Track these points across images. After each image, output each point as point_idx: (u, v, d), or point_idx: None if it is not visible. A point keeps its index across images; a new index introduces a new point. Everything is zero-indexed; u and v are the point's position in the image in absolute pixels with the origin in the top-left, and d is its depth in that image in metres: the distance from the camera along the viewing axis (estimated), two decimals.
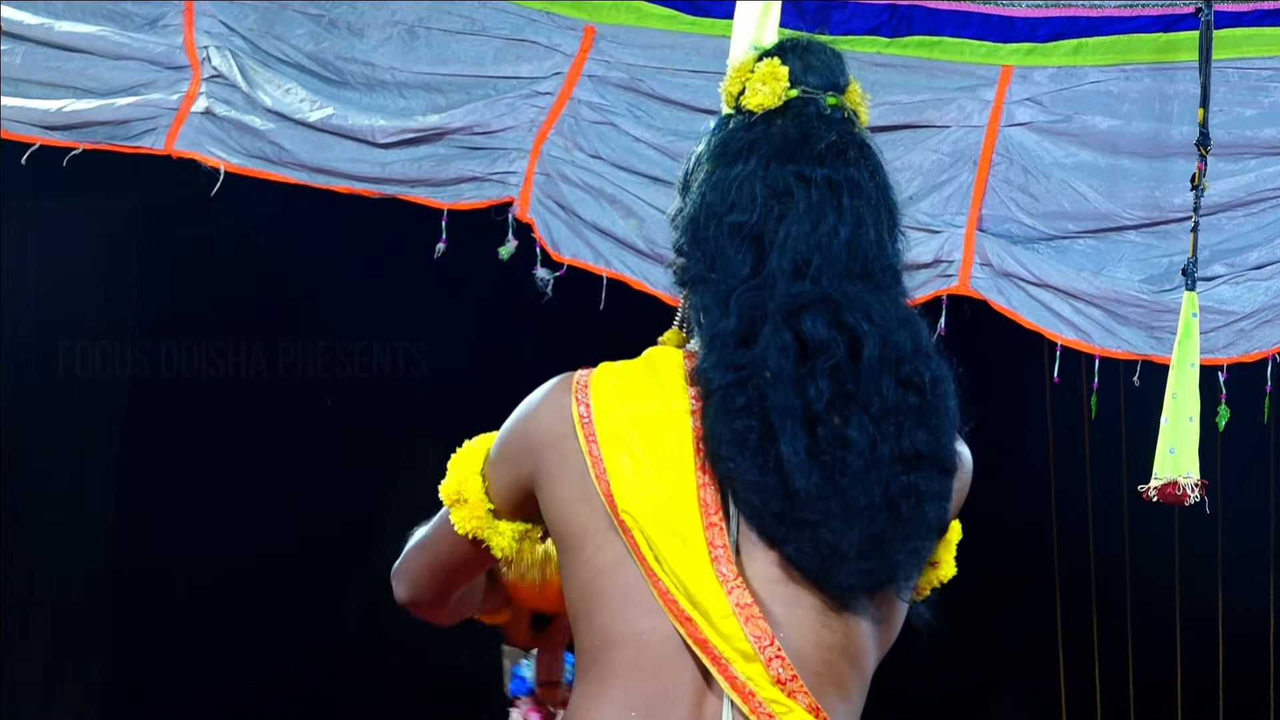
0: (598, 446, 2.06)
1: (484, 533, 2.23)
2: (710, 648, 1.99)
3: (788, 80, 2.17)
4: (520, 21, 4.35)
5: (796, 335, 2.02)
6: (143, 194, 5.47)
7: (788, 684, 1.98)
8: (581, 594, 2.07)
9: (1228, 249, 4.08)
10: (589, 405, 2.09)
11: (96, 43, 4.34)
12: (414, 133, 4.28)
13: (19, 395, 5.59)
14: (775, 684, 1.98)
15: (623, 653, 2.02)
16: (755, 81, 2.17)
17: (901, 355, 2.03)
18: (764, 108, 2.16)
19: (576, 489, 2.07)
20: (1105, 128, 4.17)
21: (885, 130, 4.23)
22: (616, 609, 2.03)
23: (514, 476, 2.17)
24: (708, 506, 2.03)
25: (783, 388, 2.01)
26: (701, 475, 2.04)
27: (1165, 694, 5.32)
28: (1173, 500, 3.87)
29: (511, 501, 2.20)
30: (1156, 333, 4.06)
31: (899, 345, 2.04)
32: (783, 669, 1.98)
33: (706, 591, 1.99)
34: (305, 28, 4.38)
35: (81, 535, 5.91)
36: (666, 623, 2.01)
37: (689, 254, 2.12)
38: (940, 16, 4.30)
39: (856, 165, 2.13)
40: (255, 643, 5.83)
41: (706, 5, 4.33)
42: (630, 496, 2.03)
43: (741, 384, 2.02)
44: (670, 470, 2.04)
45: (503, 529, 2.23)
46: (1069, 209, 4.15)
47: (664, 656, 2.00)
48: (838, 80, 2.19)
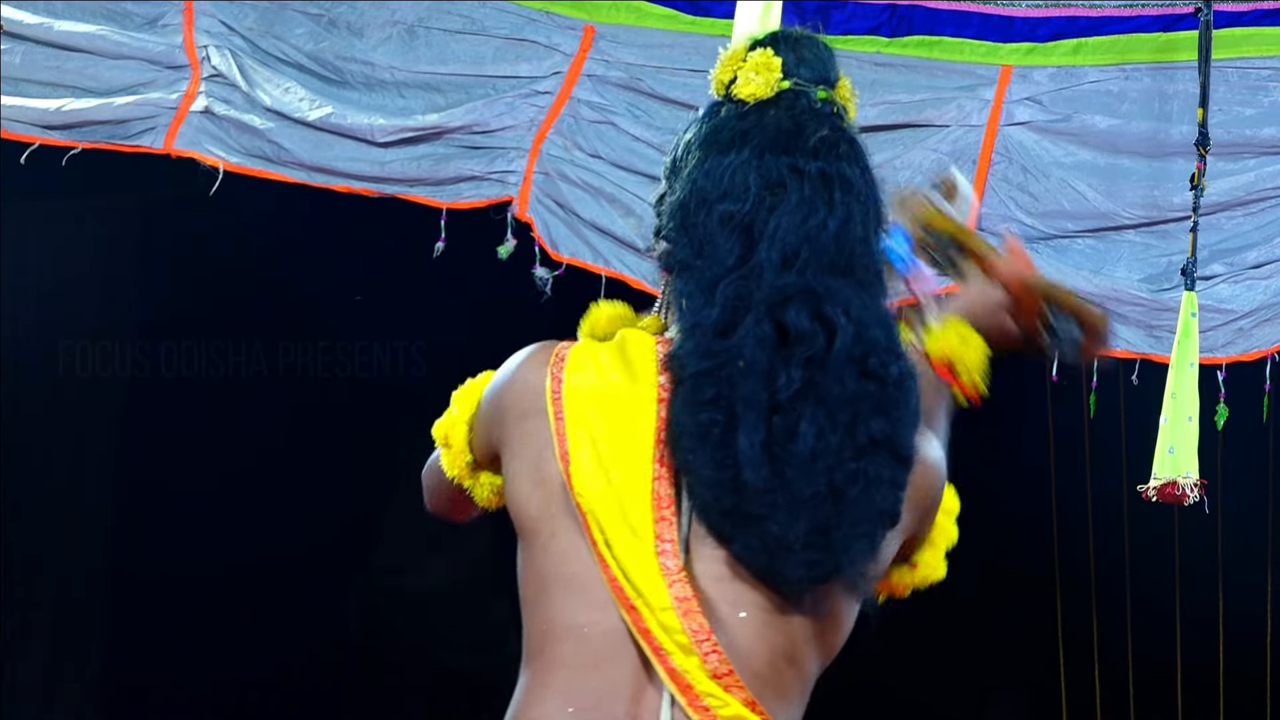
0: (564, 424, 2.06)
1: (466, 481, 2.25)
2: (652, 638, 1.98)
3: (780, 71, 2.16)
4: (520, 21, 4.35)
5: (778, 326, 2.02)
6: (143, 194, 5.46)
7: (724, 678, 1.98)
8: (530, 582, 2.07)
9: (1227, 248, 4.09)
10: (561, 381, 2.08)
11: (96, 42, 4.34)
12: (413, 132, 4.28)
13: (19, 395, 5.59)
14: (712, 678, 1.98)
15: (564, 645, 2.02)
16: (748, 70, 2.16)
17: (870, 349, 2.03)
18: (756, 97, 2.15)
19: (534, 468, 2.07)
20: (1105, 127, 4.18)
21: (885, 129, 4.24)
22: (562, 600, 2.03)
23: (487, 436, 2.18)
24: (660, 499, 2.02)
25: (753, 379, 2.00)
26: (659, 467, 2.03)
27: (1165, 694, 5.31)
28: (1172, 500, 3.87)
29: (488, 458, 2.20)
30: (1155, 332, 4.06)
31: (872, 340, 2.03)
32: (719, 663, 1.98)
33: (649, 583, 1.98)
34: (305, 27, 4.38)
35: (81, 535, 5.91)
36: (611, 615, 2.01)
37: (675, 240, 2.11)
38: (940, 16, 4.30)
39: (848, 160, 2.13)
40: (255, 643, 5.83)
41: (706, 5, 4.33)
42: (587, 480, 2.02)
43: (713, 373, 2.01)
44: (629, 458, 2.03)
45: (483, 480, 2.24)
46: (1068, 208, 4.15)
47: (606, 650, 2.00)
48: (829, 75, 2.19)
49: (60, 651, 5.85)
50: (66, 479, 5.88)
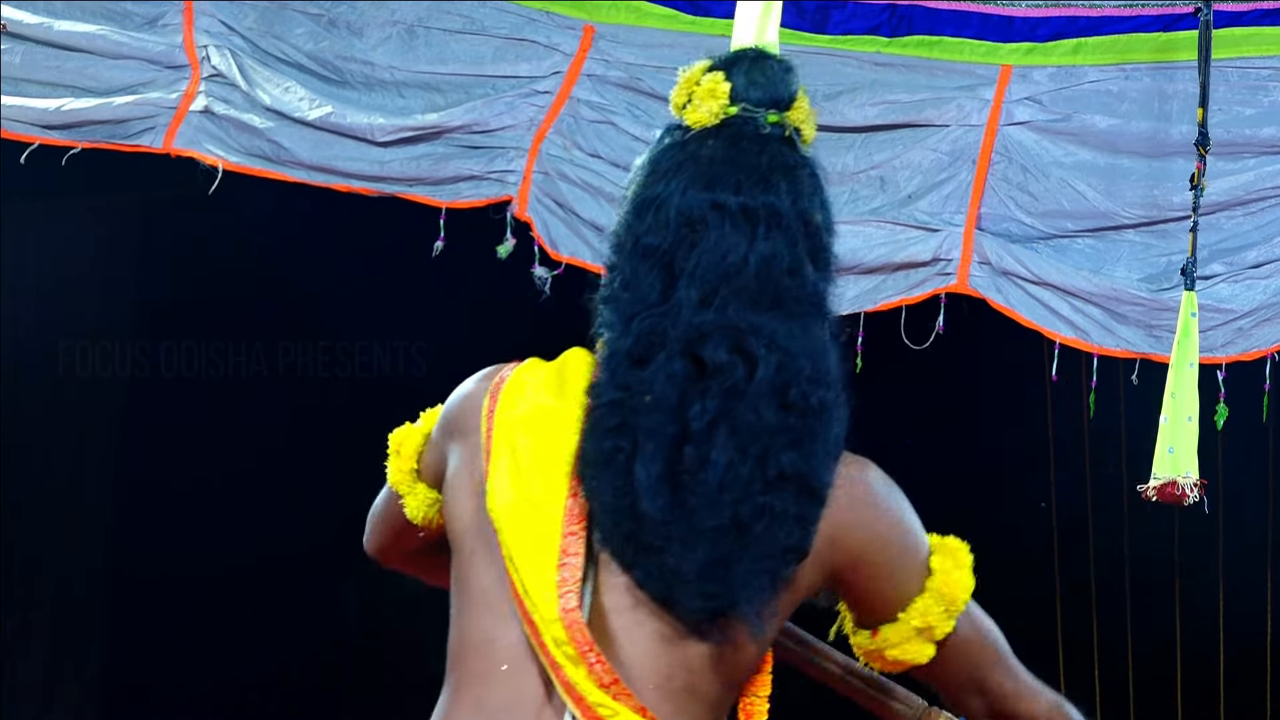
0: (491, 441, 2.10)
1: (402, 488, 2.32)
2: (547, 650, 2.01)
3: (728, 98, 2.15)
4: (519, 21, 4.35)
5: (695, 359, 2.03)
6: (142, 194, 5.47)
7: (610, 688, 2.00)
8: (455, 595, 2.11)
9: (1226, 248, 4.08)
10: (497, 399, 2.13)
11: (96, 42, 4.34)
12: (413, 131, 4.28)
13: (19, 395, 5.59)
14: (599, 687, 2.00)
15: (475, 660, 2.06)
16: (698, 96, 2.16)
17: (792, 380, 2.03)
18: (700, 125, 2.15)
19: (470, 483, 2.12)
20: (1104, 127, 4.17)
21: (885, 129, 4.23)
22: (477, 613, 2.07)
23: (437, 452, 2.24)
24: (571, 515, 2.04)
25: (659, 413, 2.02)
26: (575, 483, 2.05)
27: (1165, 694, 5.31)
28: (1172, 500, 3.86)
29: (431, 470, 2.27)
30: (1155, 331, 4.06)
31: (796, 370, 2.03)
32: (604, 673, 1.99)
33: (544, 596, 2.01)
34: (304, 27, 4.38)
35: (81, 535, 5.91)
36: (516, 629, 2.04)
37: (609, 269, 2.14)
38: (940, 16, 4.30)
39: (777, 192, 2.10)
40: (255, 643, 5.84)
41: (706, 5, 4.33)
42: (501, 495, 2.06)
43: (621, 404, 2.04)
44: (547, 475, 2.06)
45: (419, 492, 2.31)
46: (1068, 208, 4.14)
47: (512, 663, 2.03)
48: (781, 96, 2.17)
49: (60, 651, 5.85)
50: (66, 479, 5.88)
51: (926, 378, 4.56)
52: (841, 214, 4.19)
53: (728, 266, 2.06)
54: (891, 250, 4.17)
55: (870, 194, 4.23)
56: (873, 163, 4.23)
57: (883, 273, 4.18)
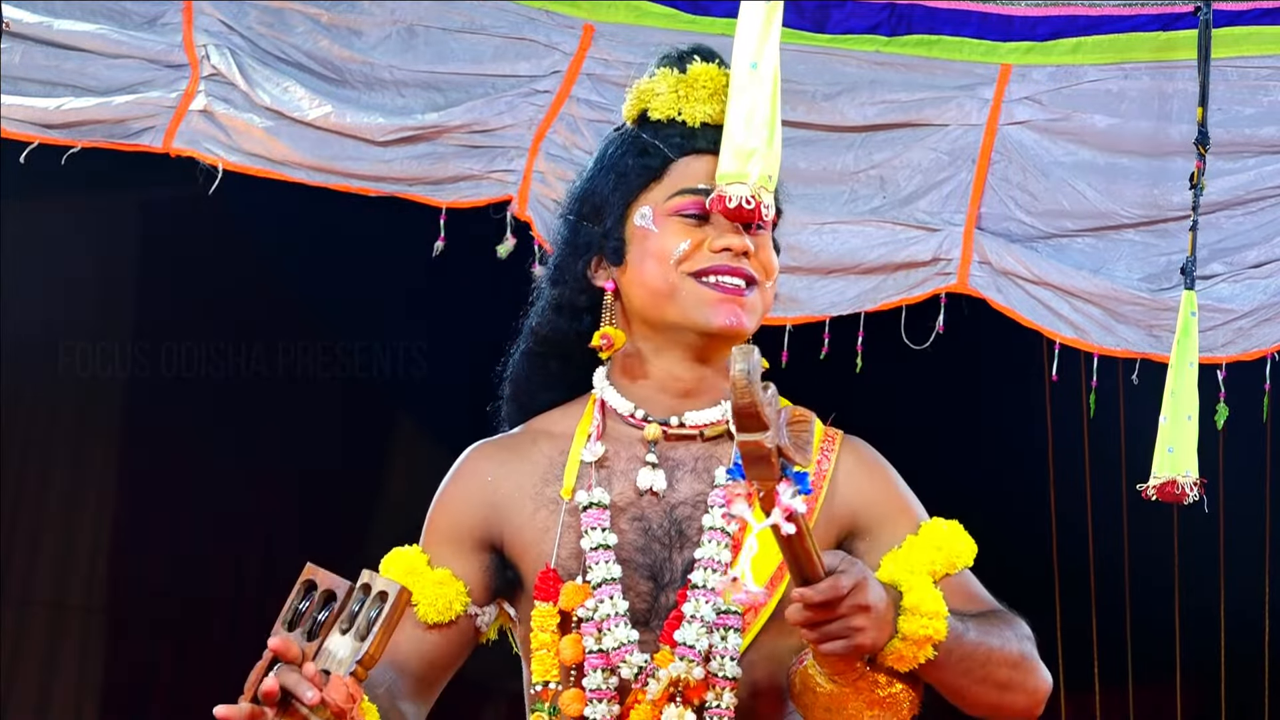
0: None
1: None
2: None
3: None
4: (519, 20, 4.35)
5: None
6: (142, 193, 5.46)
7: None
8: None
9: (1226, 247, 4.08)
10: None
11: (95, 41, 4.34)
12: (413, 131, 4.28)
13: (19, 395, 5.59)
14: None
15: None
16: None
17: None
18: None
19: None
20: (1104, 126, 4.18)
21: (884, 129, 4.24)
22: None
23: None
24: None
25: None
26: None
27: (1165, 694, 5.31)
28: (1172, 499, 3.86)
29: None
30: (1155, 331, 4.06)
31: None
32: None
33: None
34: (304, 26, 4.38)
35: (81, 535, 5.90)
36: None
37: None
38: (939, 15, 4.30)
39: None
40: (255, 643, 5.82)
41: (706, 4, 4.33)
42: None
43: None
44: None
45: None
46: (1068, 207, 4.15)
47: None
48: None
49: (60, 651, 5.84)
50: (66, 479, 5.88)
51: (926, 378, 4.56)
52: (841, 214, 4.21)
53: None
54: (891, 250, 4.17)
55: (870, 194, 4.23)
56: (872, 162, 4.23)
57: (883, 272, 4.18)
